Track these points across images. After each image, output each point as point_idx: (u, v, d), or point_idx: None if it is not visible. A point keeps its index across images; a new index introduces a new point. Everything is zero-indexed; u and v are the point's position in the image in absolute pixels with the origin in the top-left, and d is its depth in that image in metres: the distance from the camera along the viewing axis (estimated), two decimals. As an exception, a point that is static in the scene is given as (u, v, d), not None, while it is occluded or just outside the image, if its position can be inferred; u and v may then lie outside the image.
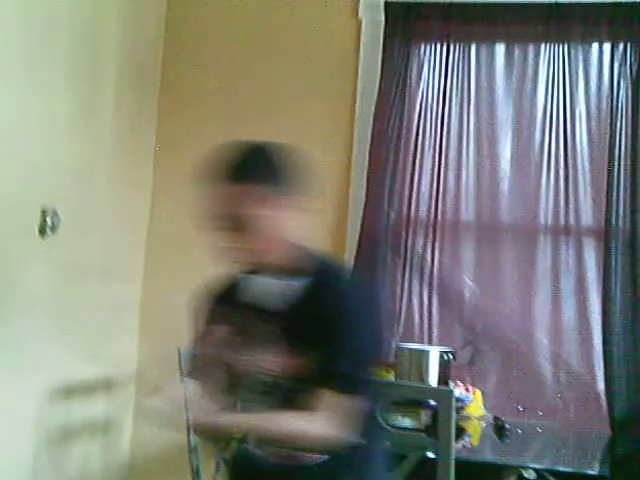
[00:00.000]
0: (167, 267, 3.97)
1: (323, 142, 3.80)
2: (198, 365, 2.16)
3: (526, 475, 2.88)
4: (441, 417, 2.47)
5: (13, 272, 3.19)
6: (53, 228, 3.34)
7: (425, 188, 3.73)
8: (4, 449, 3.18)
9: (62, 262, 3.42)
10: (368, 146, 3.71)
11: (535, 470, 2.87)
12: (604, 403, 3.40)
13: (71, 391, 3.52)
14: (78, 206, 3.52)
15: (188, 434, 3.22)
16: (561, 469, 2.97)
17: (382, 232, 3.67)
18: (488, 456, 3.10)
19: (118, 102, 3.78)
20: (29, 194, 3.25)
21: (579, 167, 3.60)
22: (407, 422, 2.94)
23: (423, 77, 3.78)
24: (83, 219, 3.56)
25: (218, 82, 4.03)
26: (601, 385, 3.44)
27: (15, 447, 3.27)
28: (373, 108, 3.72)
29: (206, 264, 3.89)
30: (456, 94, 3.74)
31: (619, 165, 3.45)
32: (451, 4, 3.70)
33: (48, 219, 3.32)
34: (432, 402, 2.76)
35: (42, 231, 3.32)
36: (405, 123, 3.72)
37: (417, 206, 3.72)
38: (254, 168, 1.95)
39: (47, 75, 3.29)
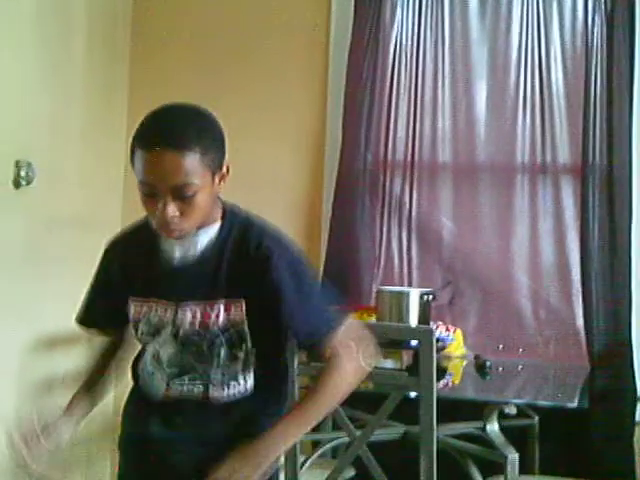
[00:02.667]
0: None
1: (297, 86, 3.78)
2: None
3: (507, 410, 2.92)
4: (422, 357, 2.48)
5: (-12, 225, 3.17)
6: (28, 180, 3.31)
7: (401, 130, 3.72)
8: (-14, 403, 3.19)
9: (38, 214, 3.40)
10: (343, 89, 3.69)
11: (516, 405, 2.91)
12: (583, 339, 3.44)
13: (52, 342, 3.52)
14: (52, 157, 3.49)
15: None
16: (541, 403, 3.02)
17: (359, 175, 3.66)
18: (469, 394, 3.13)
19: (89, 51, 3.73)
20: (1, 147, 3.21)
21: (555, 105, 3.60)
22: (389, 363, 2.96)
23: (396, 19, 3.74)
24: (58, 170, 3.53)
25: (190, 26, 3.98)
26: (580, 321, 3.47)
27: (-2, 400, 3.28)
28: (347, 51, 3.69)
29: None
30: (430, 36, 3.71)
31: (595, 102, 3.44)
32: (423, -56, 3.67)
33: (22, 171, 3.29)
34: (413, 342, 2.77)
35: (16, 184, 3.29)
36: (380, 66, 3.69)
37: (394, 148, 3.72)
38: (198, 137, 1.83)
39: (15, 27, 3.24)
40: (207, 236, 1.94)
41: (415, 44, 3.71)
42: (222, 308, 1.90)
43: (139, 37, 4.01)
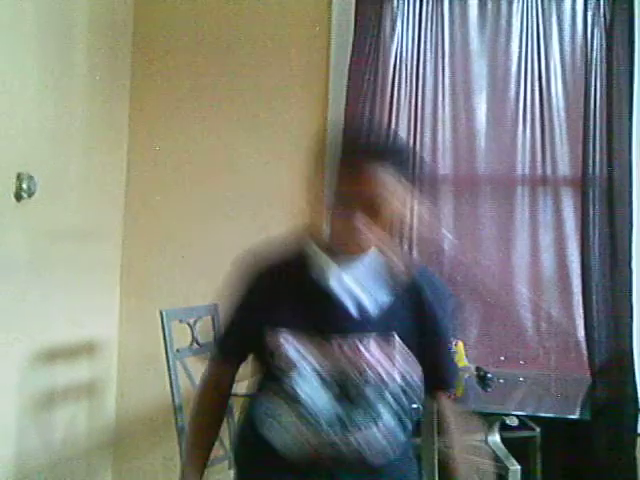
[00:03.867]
0: (146, 227, 3.96)
1: (298, 98, 3.79)
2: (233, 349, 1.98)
3: (509, 422, 2.92)
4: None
5: (-10, 238, 3.17)
6: (29, 193, 3.31)
7: (402, 143, 3.72)
8: (-12, 415, 3.19)
9: (40, 226, 3.40)
10: (344, 102, 3.70)
11: (517, 417, 2.91)
12: (584, 350, 3.44)
13: (54, 355, 3.52)
14: (54, 170, 3.50)
15: (172, 393, 3.24)
16: (543, 415, 3.02)
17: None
18: (472, 405, 3.12)
19: (90, 64, 3.74)
20: (3, 160, 3.22)
21: (555, 118, 3.61)
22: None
23: (397, 31, 3.75)
24: (59, 183, 3.53)
25: (191, 36, 3.99)
26: (581, 333, 3.47)
27: (-1, 413, 3.28)
28: (348, 64, 3.71)
29: (184, 222, 3.93)
30: (430, 48, 3.72)
31: (594, 114, 3.46)
32: (423, -43, 3.68)
33: (24, 184, 3.29)
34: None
35: (18, 196, 3.29)
36: (380, 78, 3.70)
37: (394, 161, 3.72)
38: (400, 157, 1.83)
39: (17, 40, 3.24)
40: (371, 263, 1.88)
41: (415, 57, 3.72)
42: (374, 343, 1.83)
43: (140, 49, 4.02)
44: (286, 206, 3.69)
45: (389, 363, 1.82)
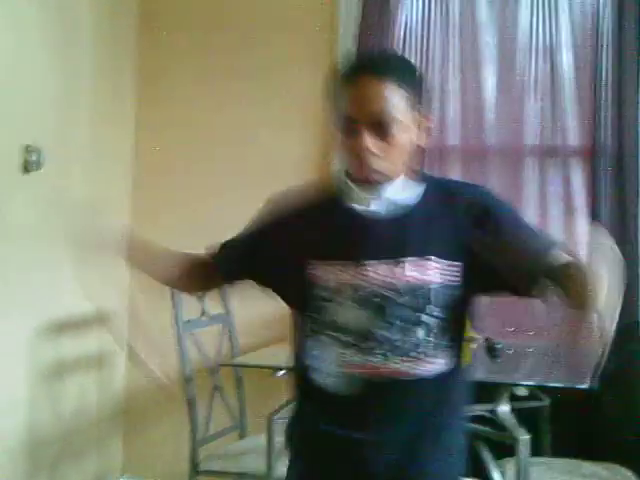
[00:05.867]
0: (155, 198, 3.96)
1: (306, 70, 3.77)
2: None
3: (518, 392, 2.92)
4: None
5: (-2, 211, 3.18)
6: (37, 165, 3.32)
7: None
8: (-1, 387, 3.21)
9: (48, 198, 3.40)
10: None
11: (527, 387, 2.91)
12: (594, 321, 3.42)
13: (63, 326, 3.53)
14: (61, 142, 3.50)
15: (182, 365, 3.25)
16: (552, 385, 3.02)
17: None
18: (481, 376, 3.12)
19: (97, 38, 3.73)
20: (11, 132, 3.22)
21: (564, 88, 3.59)
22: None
23: (405, 2, 3.73)
24: (67, 155, 3.54)
25: (199, 11, 3.97)
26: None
27: (10, 385, 3.29)
28: (355, 37, 3.68)
29: (194, 191, 3.92)
30: (438, 20, 3.71)
31: (604, 84, 3.44)
32: None
33: (32, 157, 3.29)
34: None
35: (26, 169, 3.30)
36: (387, 50, 3.68)
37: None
38: (402, 73, 1.72)
39: (21, 13, 3.24)
40: (403, 190, 1.78)
41: (423, 28, 3.70)
42: (416, 268, 1.73)
43: (147, 22, 4.00)
44: (297, 175, 3.69)
45: (425, 285, 1.73)
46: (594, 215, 3.44)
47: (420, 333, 1.74)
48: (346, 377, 1.77)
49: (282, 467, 2.05)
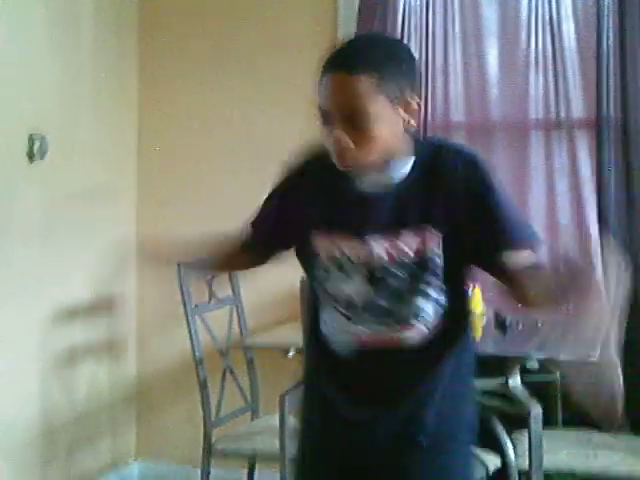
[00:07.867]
0: (161, 183, 3.96)
1: (306, 50, 3.75)
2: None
3: (529, 366, 2.92)
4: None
5: (4, 199, 3.18)
6: (41, 153, 3.32)
7: (414, 91, 3.69)
8: (11, 376, 3.22)
9: (54, 186, 3.42)
10: (353, 52, 3.66)
11: (538, 360, 2.91)
12: (602, 294, 3.42)
13: (71, 314, 3.54)
14: (65, 130, 3.51)
15: (192, 348, 3.26)
16: (563, 357, 3.01)
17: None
18: (491, 350, 3.13)
19: (98, 22, 3.73)
20: (16, 121, 3.23)
21: (567, 59, 3.56)
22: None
23: (405, -21, 3.71)
24: (71, 143, 3.54)
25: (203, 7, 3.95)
26: (599, 277, 3.45)
27: (23, 373, 3.31)
28: (356, 12, 3.67)
29: (197, 179, 3.92)
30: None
31: (607, 54, 3.42)
32: None
33: (36, 145, 3.30)
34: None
35: (31, 157, 3.30)
36: (389, 26, 3.66)
37: (407, 109, 3.69)
38: (377, 62, 1.70)
39: (24, 1, 3.24)
40: (398, 170, 1.78)
41: (425, 3, 3.68)
42: (412, 239, 1.76)
43: (148, 5, 3.98)
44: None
45: (425, 255, 1.75)
46: (600, 186, 3.42)
47: (419, 301, 1.78)
48: (351, 345, 1.82)
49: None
